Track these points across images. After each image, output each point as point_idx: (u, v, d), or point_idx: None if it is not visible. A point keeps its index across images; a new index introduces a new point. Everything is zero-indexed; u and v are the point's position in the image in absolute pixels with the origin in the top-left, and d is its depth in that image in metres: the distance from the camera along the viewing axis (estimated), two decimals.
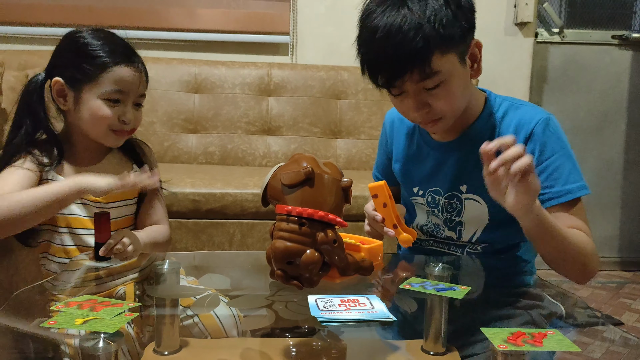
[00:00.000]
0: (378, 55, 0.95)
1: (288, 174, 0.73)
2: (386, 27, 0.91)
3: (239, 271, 1.09)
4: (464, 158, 1.05)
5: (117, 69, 1.06)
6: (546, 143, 0.98)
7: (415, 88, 0.94)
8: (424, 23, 0.89)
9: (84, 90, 1.06)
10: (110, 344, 0.58)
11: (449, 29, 0.91)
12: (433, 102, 0.95)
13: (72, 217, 1.08)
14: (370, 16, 0.96)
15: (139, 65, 1.11)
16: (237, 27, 2.52)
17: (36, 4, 2.41)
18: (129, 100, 1.09)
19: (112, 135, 1.09)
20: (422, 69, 0.91)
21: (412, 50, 0.89)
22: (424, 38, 0.89)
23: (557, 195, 0.97)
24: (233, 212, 1.83)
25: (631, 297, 2.37)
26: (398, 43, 0.90)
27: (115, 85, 1.06)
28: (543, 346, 0.62)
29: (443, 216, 1.09)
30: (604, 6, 2.77)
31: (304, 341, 0.79)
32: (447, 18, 0.90)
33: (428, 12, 0.90)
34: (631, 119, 2.80)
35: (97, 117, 1.06)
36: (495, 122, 1.04)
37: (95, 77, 1.05)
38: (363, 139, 2.44)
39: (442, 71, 0.92)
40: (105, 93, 1.05)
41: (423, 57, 0.90)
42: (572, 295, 0.92)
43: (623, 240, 2.83)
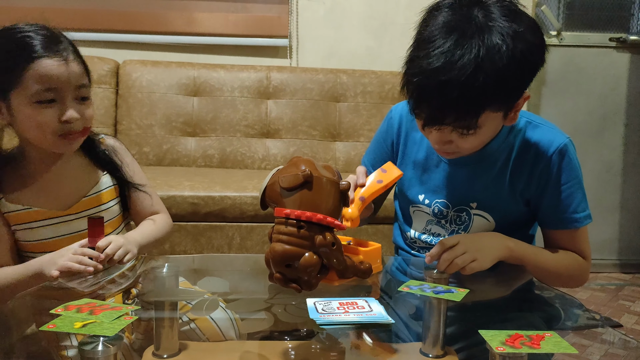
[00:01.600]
0: (431, 96, 0.86)
1: (286, 177, 0.74)
2: (448, 71, 0.82)
3: (238, 274, 1.09)
4: (478, 175, 1.04)
5: (37, 64, 0.91)
6: (562, 171, 1.00)
7: (448, 129, 0.91)
8: (489, 79, 0.82)
9: (12, 98, 0.93)
10: (110, 347, 0.58)
11: (513, 88, 0.87)
12: (459, 142, 0.93)
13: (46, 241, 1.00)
14: (434, 42, 0.85)
15: (66, 53, 0.96)
16: (236, 30, 2.53)
17: (34, 8, 2.42)
18: (66, 97, 0.94)
19: (61, 141, 0.95)
20: (467, 123, 0.87)
21: (466, 105, 0.84)
22: (483, 96, 0.84)
23: (565, 222, 1.02)
24: (232, 215, 1.83)
25: (630, 300, 2.37)
26: (455, 94, 0.83)
27: (40, 84, 0.91)
28: (541, 348, 0.62)
29: (450, 227, 1.08)
30: (601, 9, 2.78)
31: (302, 344, 0.79)
32: (515, 77, 0.85)
33: (499, 67, 0.82)
34: (630, 122, 2.81)
35: (35, 124, 0.93)
36: (514, 141, 1.02)
37: (18, 80, 0.91)
38: (362, 142, 2.44)
39: (483, 126, 0.90)
40: (34, 95, 0.91)
41: (473, 114, 0.86)
42: (571, 297, 0.92)
43: (622, 242, 2.84)
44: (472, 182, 1.05)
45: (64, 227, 1.01)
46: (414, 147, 1.13)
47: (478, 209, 1.05)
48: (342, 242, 0.79)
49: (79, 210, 1.02)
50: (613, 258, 2.83)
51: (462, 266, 0.89)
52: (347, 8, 2.58)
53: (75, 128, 0.96)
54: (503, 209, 1.04)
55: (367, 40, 2.61)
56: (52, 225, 1.00)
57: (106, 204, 1.06)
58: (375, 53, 2.62)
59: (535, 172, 1.01)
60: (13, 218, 0.99)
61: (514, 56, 0.83)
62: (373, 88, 2.47)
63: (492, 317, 0.90)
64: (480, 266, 0.91)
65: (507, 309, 0.96)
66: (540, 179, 1.01)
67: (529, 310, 0.94)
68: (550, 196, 1.01)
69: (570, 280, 1.06)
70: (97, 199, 1.05)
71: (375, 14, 2.59)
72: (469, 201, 1.06)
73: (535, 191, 1.02)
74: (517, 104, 0.92)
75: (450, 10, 0.87)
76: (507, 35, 0.83)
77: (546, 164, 1.00)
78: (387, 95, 2.47)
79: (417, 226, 1.13)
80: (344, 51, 2.60)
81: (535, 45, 0.87)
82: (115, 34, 2.45)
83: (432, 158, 1.09)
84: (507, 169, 1.03)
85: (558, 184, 1.01)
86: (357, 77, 2.48)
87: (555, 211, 1.02)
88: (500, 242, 0.97)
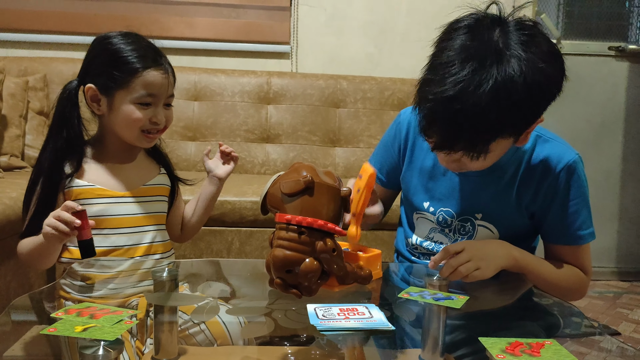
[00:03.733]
0: (444, 123, 0.85)
1: (288, 183, 0.74)
2: (462, 100, 0.80)
3: (238, 279, 1.09)
4: (485, 186, 1.04)
5: (146, 73, 1.08)
6: (569, 188, 1.01)
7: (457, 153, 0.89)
8: (503, 111, 0.80)
9: (116, 96, 1.09)
10: (110, 351, 0.58)
11: (527, 118, 0.86)
12: (467, 163, 0.91)
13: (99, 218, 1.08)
14: (448, 66, 0.82)
15: (167, 66, 1.14)
16: (237, 36, 2.54)
17: (37, 11, 2.43)
18: (159, 102, 1.12)
19: (143, 137, 1.12)
20: (477, 150, 0.86)
21: (479, 134, 0.83)
22: (497, 126, 0.83)
23: (569, 238, 1.03)
24: (232, 219, 1.83)
25: (628, 308, 2.37)
26: (469, 124, 0.82)
27: (145, 90, 1.08)
28: (541, 356, 0.62)
29: (454, 236, 1.08)
30: (600, 18, 2.80)
31: (302, 350, 0.79)
32: (529, 107, 0.84)
33: (513, 97, 0.80)
34: (629, 130, 2.82)
35: (130, 120, 1.09)
36: (522, 155, 1.02)
37: (127, 83, 1.08)
38: (362, 148, 2.45)
39: (494, 151, 0.89)
40: (136, 98, 1.08)
41: (483, 144, 0.85)
42: (569, 305, 0.93)
43: (620, 250, 2.84)
44: (479, 193, 1.05)
45: (119, 208, 1.11)
46: (420, 153, 1.13)
47: (483, 220, 1.05)
48: (342, 248, 0.80)
49: (135, 195, 1.14)
50: (611, 266, 2.83)
51: (465, 274, 0.90)
52: (347, 14, 2.59)
53: (159, 127, 1.13)
54: (508, 221, 1.04)
55: (367, 47, 2.62)
56: (108, 204, 1.11)
57: (158, 197, 1.19)
58: (376, 59, 2.63)
59: (542, 186, 1.01)
60: (76, 193, 1.09)
61: (531, 88, 0.81)
62: (373, 94, 2.48)
63: (491, 324, 0.90)
64: (483, 275, 0.91)
65: (506, 316, 0.96)
66: (547, 193, 1.01)
67: (528, 318, 0.94)
68: (555, 211, 1.02)
69: (569, 293, 1.06)
70: (152, 190, 1.18)
71: (375, 21, 2.61)
72: (475, 212, 1.06)
73: (541, 205, 1.02)
74: (527, 131, 0.91)
75: (470, 34, 0.84)
76: (526, 66, 0.81)
77: (554, 179, 1.00)
78: (387, 102, 2.48)
79: (420, 233, 1.13)
80: (345, 57, 2.61)
81: (553, 75, 0.85)
82: None
83: (440, 166, 1.09)
84: (514, 182, 1.02)
85: (565, 200, 1.01)
86: (357, 83, 2.49)
87: (560, 227, 1.02)
88: (506, 251, 0.97)
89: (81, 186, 1.09)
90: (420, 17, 2.62)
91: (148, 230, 1.14)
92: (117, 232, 1.10)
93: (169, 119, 1.16)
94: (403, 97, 2.48)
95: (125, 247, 1.10)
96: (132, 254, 1.11)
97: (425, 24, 2.61)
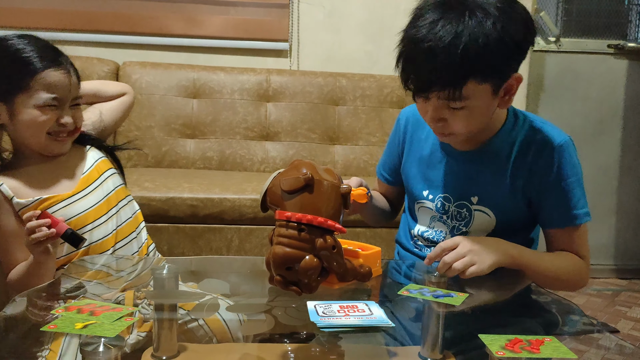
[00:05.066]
0: (415, 63, 0.92)
1: (288, 180, 0.74)
2: (430, 38, 0.87)
3: (238, 276, 1.09)
4: (480, 170, 1.06)
5: (46, 74, 1.03)
6: (561, 167, 1.02)
7: (438, 102, 0.93)
8: (470, 47, 0.86)
9: (16, 101, 1.03)
10: (111, 348, 0.58)
11: (495, 60, 0.89)
12: (451, 120, 0.95)
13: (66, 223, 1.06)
14: (423, 17, 0.91)
15: (68, 65, 1.07)
16: (236, 33, 2.53)
17: (35, 9, 2.42)
18: (64, 105, 1.06)
19: (53, 142, 1.07)
20: (452, 92, 0.89)
21: (448, 72, 0.88)
22: (465, 63, 0.87)
23: (564, 219, 1.04)
24: (231, 217, 1.83)
25: (626, 305, 2.38)
26: (437, 60, 0.87)
27: (47, 92, 1.03)
28: (540, 353, 0.62)
29: (451, 223, 1.09)
30: (599, 15, 2.80)
31: (302, 347, 0.79)
32: (497, 49, 0.88)
33: (480, 36, 0.86)
34: (627, 127, 2.82)
35: (35, 124, 1.03)
36: (515, 138, 1.04)
37: (26, 86, 1.02)
38: (361, 145, 2.45)
39: (470, 98, 0.91)
40: (39, 102, 1.03)
41: (456, 82, 0.89)
42: (568, 302, 0.93)
43: (618, 247, 2.85)
44: (474, 176, 1.06)
45: (77, 206, 1.08)
46: (419, 144, 1.15)
47: (478, 204, 1.06)
48: (342, 246, 0.80)
49: (83, 186, 1.10)
50: (610, 263, 2.84)
51: (461, 269, 0.90)
52: (346, 12, 2.59)
53: (68, 128, 1.07)
54: (503, 205, 1.05)
55: (366, 45, 2.61)
56: (65, 207, 1.07)
57: (105, 173, 1.15)
58: (374, 57, 2.62)
59: (535, 168, 1.03)
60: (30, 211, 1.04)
61: (495, 29, 0.87)
62: (372, 92, 2.48)
63: (490, 321, 0.90)
64: (480, 270, 0.91)
65: (505, 313, 0.96)
66: (540, 175, 1.03)
67: (527, 315, 0.94)
68: (550, 193, 1.03)
69: (571, 285, 1.07)
70: (95, 172, 1.13)
71: (374, 19, 2.60)
72: (470, 195, 1.07)
73: (537, 188, 1.04)
74: (509, 85, 0.94)
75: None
76: (494, 10, 0.87)
77: (546, 161, 1.02)
78: (386, 99, 2.48)
79: (422, 222, 1.15)
80: (343, 55, 2.61)
81: (519, 22, 0.90)
82: (115, 36, 2.45)
83: (437, 154, 1.11)
84: (508, 165, 1.04)
85: (558, 181, 1.02)
86: (356, 80, 2.49)
87: (556, 208, 1.03)
88: (502, 247, 0.97)
89: (27, 205, 1.05)
90: None
91: (114, 213, 1.12)
92: (86, 230, 1.08)
93: (78, 119, 1.10)
94: (402, 95, 2.48)
95: (99, 241, 1.09)
96: (106, 245, 1.10)
97: None
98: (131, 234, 1.14)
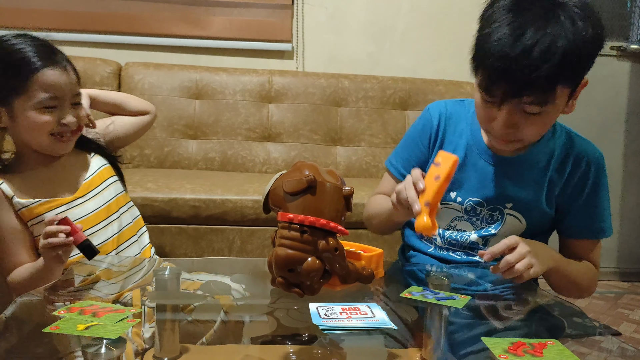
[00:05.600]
0: (508, 69, 0.85)
1: (290, 182, 0.74)
2: (525, 42, 0.83)
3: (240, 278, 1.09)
4: (518, 176, 1.05)
5: (42, 74, 1.01)
6: (598, 182, 1.04)
7: (517, 107, 0.90)
8: (568, 51, 0.83)
9: (15, 104, 1.02)
10: (113, 349, 0.58)
11: (586, 64, 0.89)
12: (525, 126, 0.92)
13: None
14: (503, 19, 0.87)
15: (65, 63, 1.05)
16: (239, 34, 2.53)
17: (38, 9, 2.42)
18: (64, 104, 1.04)
19: (57, 142, 1.06)
20: (544, 97, 0.87)
21: (545, 76, 0.84)
22: (561, 68, 0.84)
23: (592, 231, 1.06)
24: (233, 218, 1.83)
25: (629, 308, 2.37)
26: (535, 65, 0.83)
27: (45, 92, 1.01)
28: (543, 356, 0.62)
29: (480, 225, 1.09)
30: (601, 17, 2.79)
31: (304, 349, 0.79)
32: (589, 53, 0.87)
33: (577, 39, 0.84)
34: (630, 130, 2.81)
35: (36, 126, 1.02)
36: (554, 148, 1.05)
37: (23, 88, 1.00)
38: (363, 147, 2.45)
39: (555, 103, 0.89)
40: (37, 103, 1.01)
41: (549, 87, 0.86)
42: (571, 305, 0.93)
43: (622, 250, 2.84)
44: (511, 182, 1.06)
45: (77, 211, 1.08)
46: (450, 145, 1.11)
47: (512, 210, 1.06)
48: (344, 247, 0.79)
49: (84, 192, 1.10)
50: (612, 266, 2.83)
51: (521, 272, 0.89)
52: (348, 14, 2.59)
53: (70, 128, 1.06)
54: (536, 212, 1.06)
55: (368, 46, 2.61)
56: (65, 212, 1.07)
57: (105, 182, 1.15)
58: (377, 58, 2.62)
59: (572, 179, 1.04)
60: (27, 213, 1.05)
61: (586, 31, 0.85)
62: (374, 93, 2.48)
63: (492, 324, 0.90)
64: (537, 272, 0.92)
65: (508, 317, 0.96)
66: (575, 186, 1.04)
67: (530, 318, 0.94)
68: (582, 205, 1.04)
69: (584, 291, 1.08)
70: (97, 178, 1.13)
71: (376, 20, 2.60)
72: (505, 201, 1.06)
73: (568, 199, 1.05)
74: (577, 91, 0.94)
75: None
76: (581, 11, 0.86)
77: (584, 174, 1.03)
78: (389, 101, 2.48)
79: (441, 223, 1.12)
80: (346, 56, 2.61)
81: (600, 27, 0.89)
82: (118, 36, 2.46)
83: (471, 158, 1.09)
84: (547, 173, 1.05)
85: (593, 194, 1.04)
86: (358, 82, 2.49)
87: (585, 219, 1.05)
88: (550, 252, 0.99)
89: (27, 206, 1.05)
90: (421, 16, 2.61)
91: (114, 219, 1.12)
92: (86, 234, 1.04)
93: (81, 118, 1.08)
94: (404, 96, 2.48)
95: (98, 245, 1.08)
96: (106, 249, 1.10)
97: (426, 23, 2.61)
98: (132, 238, 1.14)
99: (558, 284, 1.03)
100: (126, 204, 1.17)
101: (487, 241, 1.08)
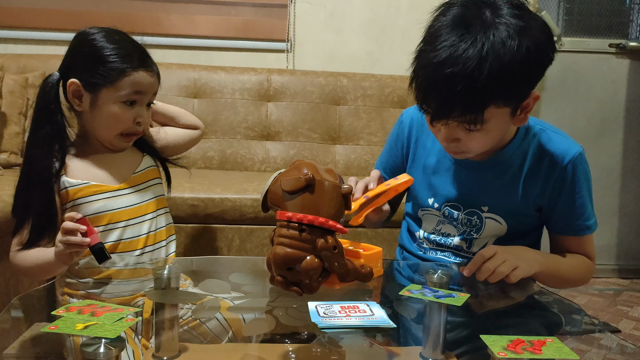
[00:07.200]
0: (435, 89, 0.87)
1: (289, 181, 0.74)
2: (452, 63, 0.83)
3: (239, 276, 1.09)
4: (490, 180, 1.05)
5: (136, 73, 1.07)
6: (576, 181, 1.02)
7: (454, 124, 0.90)
8: (495, 73, 0.82)
9: (101, 93, 1.06)
10: (111, 349, 0.58)
11: (519, 84, 0.86)
12: (465, 140, 0.93)
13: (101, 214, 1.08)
14: (440, 37, 0.86)
15: (154, 66, 1.13)
16: (237, 33, 2.53)
17: (37, 9, 2.42)
18: (144, 101, 1.11)
19: (121, 140, 1.11)
20: (473, 117, 0.87)
21: (471, 98, 0.84)
22: (488, 89, 0.83)
23: (576, 230, 1.05)
24: (232, 217, 1.83)
25: (628, 305, 2.37)
26: (460, 86, 0.83)
27: (133, 89, 1.07)
28: (542, 354, 0.62)
29: (462, 228, 1.09)
30: (601, 15, 2.79)
31: (303, 347, 0.79)
32: (522, 72, 0.84)
33: (505, 61, 0.82)
34: (629, 127, 2.81)
35: (114, 119, 1.07)
36: (527, 148, 1.03)
37: (114, 82, 1.05)
38: (362, 145, 2.45)
39: (489, 121, 0.89)
40: (123, 96, 1.06)
41: (478, 108, 0.86)
42: (570, 302, 0.93)
43: (620, 247, 2.84)
44: (484, 186, 1.05)
45: (119, 201, 1.10)
46: (424, 151, 1.13)
47: (490, 212, 1.06)
48: (343, 246, 0.79)
49: (130, 185, 1.13)
50: (611, 263, 2.83)
51: (506, 273, 0.90)
52: (347, 12, 2.59)
53: (140, 128, 1.12)
54: (515, 213, 1.05)
55: (367, 44, 2.61)
56: (107, 199, 1.09)
57: (151, 181, 1.18)
58: (376, 57, 2.62)
59: (549, 180, 1.02)
60: (72, 193, 1.07)
61: (520, 51, 0.83)
62: (373, 91, 2.47)
63: (491, 322, 0.90)
64: (525, 272, 0.92)
65: (507, 314, 0.96)
66: (554, 187, 1.03)
67: (529, 315, 0.94)
68: (563, 204, 1.03)
69: (577, 282, 1.09)
70: (144, 175, 1.17)
71: (375, 18, 2.60)
72: (480, 205, 1.06)
73: (549, 199, 1.04)
74: (526, 104, 0.92)
75: (460, 8, 0.88)
76: (514, 31, 0.83)
77: (561, 173, 1.02)
78: (387, 99, 2.48)
79: (427, 227, 1.14)
80: (345, 55, 2.60)
81: (541, 42, 0.86)
82: None
83: (444, 162, 1.10)
84: (520, 175, 1.03)
85: (572, 193, 1.02)
86: (357, 80, 2.48)
87: (568, 218, 1.04)
88: (537, 256, 0.99)
89: (75, 185, 1.07)
90: (420, 14, 2.59)
91: (149, 218, 1.13)
92: (119, 226, 1.09)
93: (148, 120, 1.15)
94: (403, 95, 2.48)
95: (129, 239, 1.10)
96: (136, 245, 1.11)
97: (425, 21, 2.59)
98: (161, 242, 1.15)
99: (549, 283, 1.03)
100: (163, 207, 1.20)
101: (471, 243, 1.08)
